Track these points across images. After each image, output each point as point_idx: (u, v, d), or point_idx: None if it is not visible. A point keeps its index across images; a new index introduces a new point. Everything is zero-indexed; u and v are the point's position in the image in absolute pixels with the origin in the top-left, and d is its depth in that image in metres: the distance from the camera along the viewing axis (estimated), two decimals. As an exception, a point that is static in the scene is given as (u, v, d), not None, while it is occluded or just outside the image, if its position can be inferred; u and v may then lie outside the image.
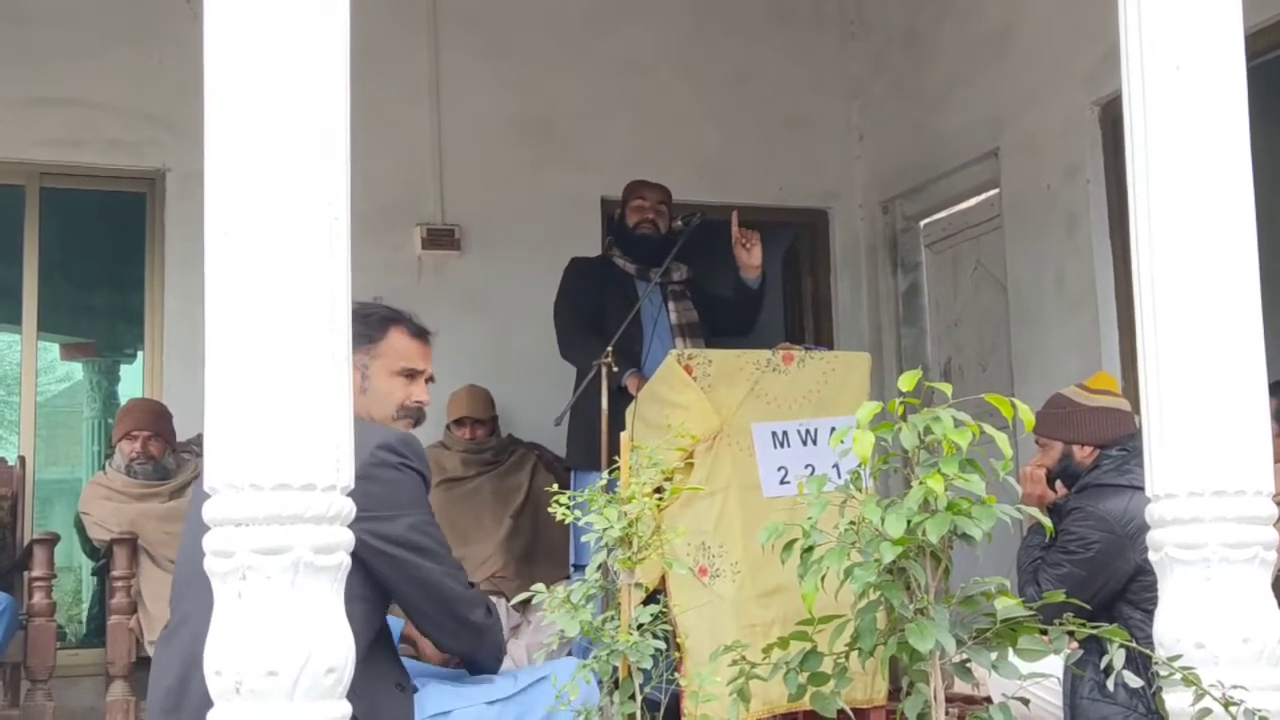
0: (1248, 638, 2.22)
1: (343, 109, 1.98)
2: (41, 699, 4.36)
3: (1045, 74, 5.34)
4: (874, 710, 3.88)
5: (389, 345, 2.87)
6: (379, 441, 2.58)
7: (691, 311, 4.99)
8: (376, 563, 2.55)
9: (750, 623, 3.69)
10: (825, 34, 6.65)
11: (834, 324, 6.58)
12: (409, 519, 2.61)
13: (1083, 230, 5.14)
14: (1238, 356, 2.29)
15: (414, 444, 2.68)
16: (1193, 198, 2.30)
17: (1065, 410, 3.54)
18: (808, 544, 2.01)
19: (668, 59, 6.33)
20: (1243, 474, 2.26)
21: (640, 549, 2.28)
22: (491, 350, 5.61)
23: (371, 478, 2.50)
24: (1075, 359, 5.08)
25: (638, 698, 2.21)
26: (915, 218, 6.43)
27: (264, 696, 1.83)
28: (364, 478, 2.52)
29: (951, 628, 1.93)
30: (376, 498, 2.50)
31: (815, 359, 4.02)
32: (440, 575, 2.66)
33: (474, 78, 6.03)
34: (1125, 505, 3.25)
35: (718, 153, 6.35)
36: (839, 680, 2.04)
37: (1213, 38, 2.33)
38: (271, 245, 1.90)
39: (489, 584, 4.86)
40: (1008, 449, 1.99)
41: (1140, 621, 3.11)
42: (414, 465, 2.64)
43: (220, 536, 1.88)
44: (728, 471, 3.80)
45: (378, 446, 2.56)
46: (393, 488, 2.59)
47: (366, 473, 2.50)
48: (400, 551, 2.58)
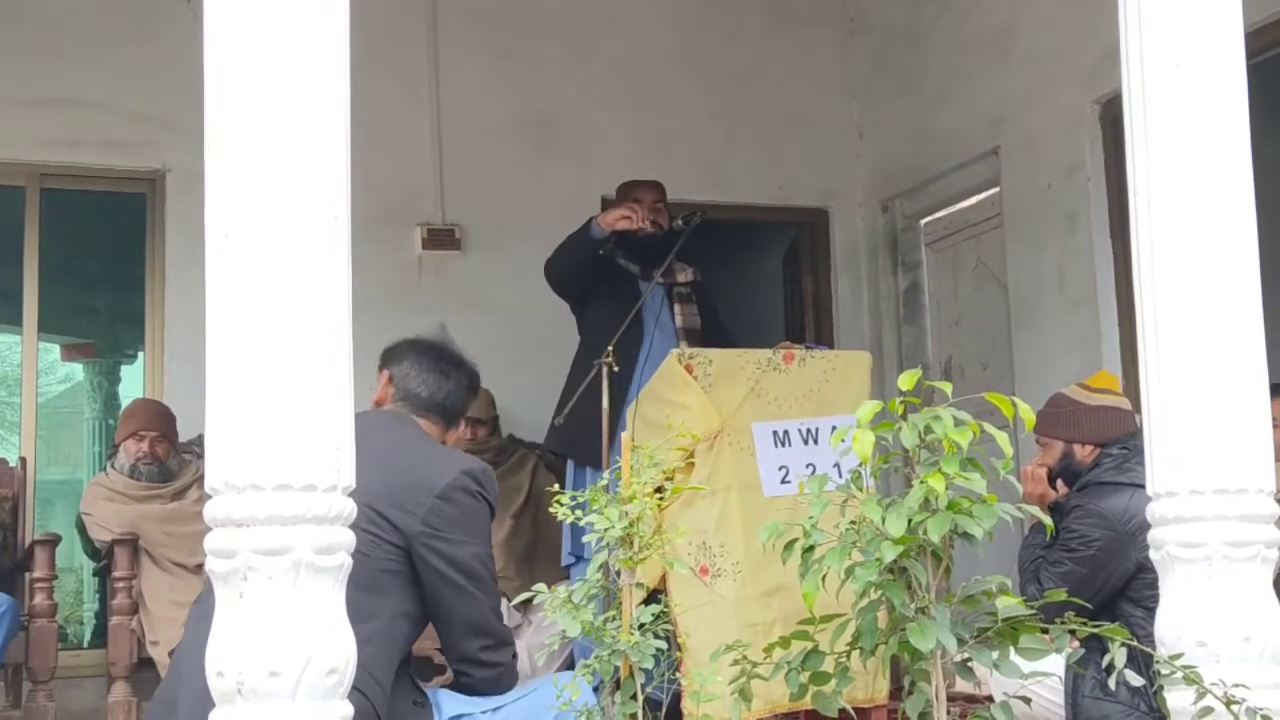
0: (1249, 636, 2.22)
1: (343, 109, 1.98)
2: (43, 700, 4.35)
3: (1045, 73, 5.34)
4: (875, 710, 3.88)
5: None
6: (465, 467, 2.66)
7: (696, 316, 4.95)
8: (431, 580, 2.61)
9: (752, 622, 3.69)
10: (825, 33, 6.65)
11: (834, 323, 6.58)
12: (474, 548, 2.66)
13: (1083, 229, 5.14)
14: (1238, 354, 2.29)
15: (492, 477, 2.76)
16: (1193, 196, 2.30)
17: (1066, 409, 3.54)
18: (809, 543, 2.01)
19: (668, 58, 6.32)
20: (1244, 472, 2.26)
21: (641, 549, 2.28)
22: (492, 350, 5.56)
23: (451, 500, 2.61)
24: (1076, 358, 5.08)
25: (639, 697, 2.21)
26: (915, 216, 6.43)
27: (266, 697, 1.83)
28: (444, 499, 2.59)
29: (953, 627, 1.93)
30: (451, 519, 2.61)
31: (816, 358, 4.02)
32: (486, 609, 2.73)
33: (474, 77, 6.02)
34: (1126, 503, 3.25)
35: (718, 151, 6.35)
36: (840, 679, 2.04)
37: (1213, 36, 2.33)
38: (272, 246, 1.90)
39: (490, 584, 4.87)
40: (1008, 448, 1.99)
41: (1141, 620, 3.11)
42: (489, 498, 2.71)
43: (221, 537, 1.88)
44: (729, 471, 3.80)
45: (464, 472, 2.65)
46: (468, 514, 2.65)
47: (448, 494, 2.59)
48: (459, 577, 2.63)
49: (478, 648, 2.70)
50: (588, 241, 4.77)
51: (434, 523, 2.58)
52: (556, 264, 4.88)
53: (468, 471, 2.66)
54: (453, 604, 2.64)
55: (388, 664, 2.56)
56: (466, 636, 2.69)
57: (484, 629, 2.71)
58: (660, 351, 4.48)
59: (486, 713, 2.70)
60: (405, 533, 2.58)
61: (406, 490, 2.60)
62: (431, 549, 2.59)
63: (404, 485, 2.61)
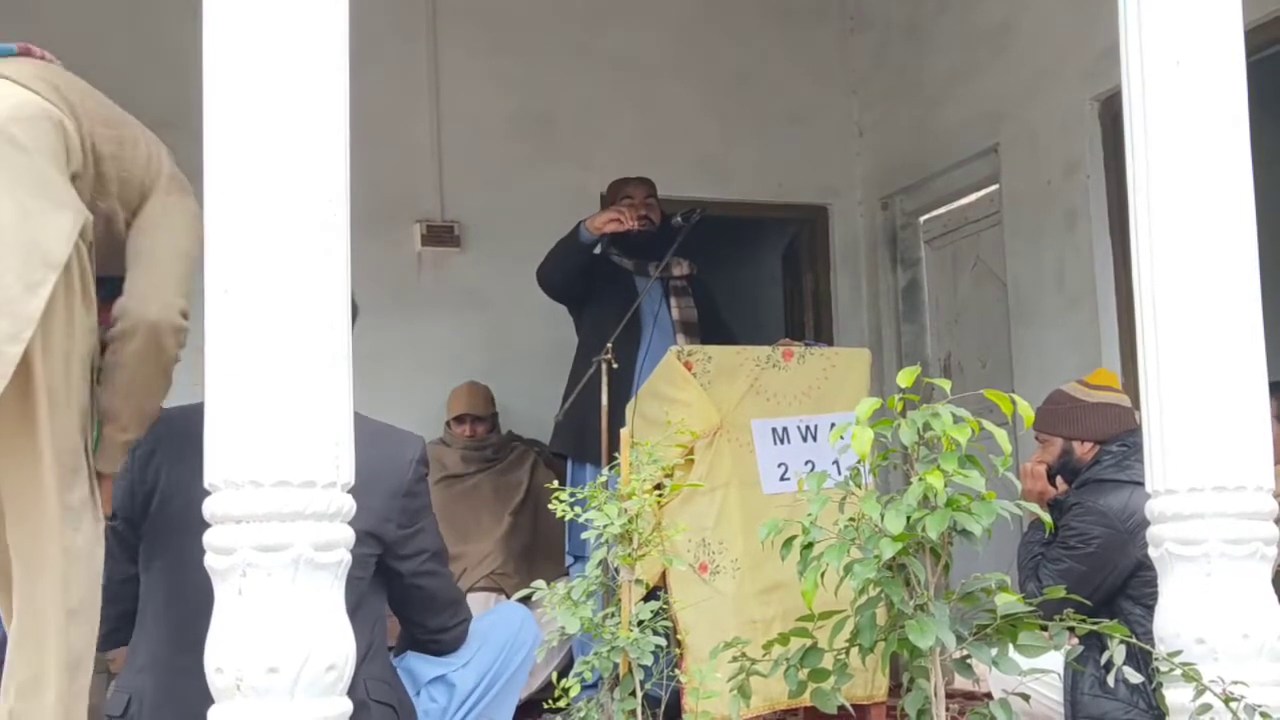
0: (1248, 633, 2.22)
1: (342, 106, 1.98)
2: (42, 696, 4.35)
3: (1045, 69, 5.34)
4: (874, 706, 3.88)
5: None
6: (417, 456, 2.64)
7: (692, 309, 4.94)
8: (410, 572, 2.62)
9: (751, 619, 3.69)
10: (825, 30, 6.65)
11: (834, 320, 6.58)
12: (435, 527, 2.70)
13: (1082, 226, 5.14)
14: (1238, 352, 2.29)
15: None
16: (1193, 193, 2.30)
17: (1065, 406, 3.54)
18: (807, 540, 2.01)
19: (668, 55, 6.32)
20: (1243, 469, 2.26)
21: (640, 545, 2.28)
22: (491, 347, 5.61)
23: (414, 494, 2.60)
24: (1075, 355, 5.08)
25: (638, 694, 2.21)
26: (915, 213, 6.43)
27: (264, 694, 1.83)
28: (409, 495, 2.57)
29: (952, 624, 1.94)
30: (416, 511, 2.61)
31: (815, 355, 4.02)
32: (452, 582, 2.80)
33: (474, 74, 6.02)
34: (1126, 500, 3.25)
35: (717, 149, 6.35)
36: (839, 676, 2.05)
37: (1213, 33, 2.33)
38: (271, 242, 1.90)
39: (489, 581, 4.87)
40: (1007, 445, 1.99)
41: (1141, 617, 3.11)
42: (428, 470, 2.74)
43: (220, 533, 1.88)
44: (728, 468, 3.80)
45: (418, 462, 2.63)
46: (426, 498, 2.68)
47: (411, 490, 2.56)
48: (432, 563, 2.67)
49: (449, 617, 2.77)
50: (578, 246, 4.77)
51: (405, 522, 2.59)
52: (549, 271, 4.88)
53: (421, 460, 2.65)
54: (435, 588, 2.70)
55: (388, 664, 2.62)
56: (443, 612, 2.75)
57: (455, 599, 2.80)
58: (659, 347, 4.49)
59: (458, 670, 2.76)
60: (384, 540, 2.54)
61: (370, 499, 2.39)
62: (411, 549, 2.61)
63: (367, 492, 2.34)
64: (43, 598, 2.13)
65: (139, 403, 2.25)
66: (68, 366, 2.17)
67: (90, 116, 2.32)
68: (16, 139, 2.17)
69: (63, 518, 2.14)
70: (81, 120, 2.30)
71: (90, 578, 2.19)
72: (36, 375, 2.11)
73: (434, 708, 2.71)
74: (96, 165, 2.31)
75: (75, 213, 2.19)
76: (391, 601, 2.68)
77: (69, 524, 2.15)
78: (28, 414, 2.12)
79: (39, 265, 2.12)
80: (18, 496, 2.15)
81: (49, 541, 2.13)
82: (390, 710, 2.50)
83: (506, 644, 2.83)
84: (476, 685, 2.77)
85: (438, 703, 2.72)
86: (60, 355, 2.15)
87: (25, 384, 2.11)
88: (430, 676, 2.75)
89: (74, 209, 2.20)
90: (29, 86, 2.27)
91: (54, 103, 2.27)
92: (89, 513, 2.19)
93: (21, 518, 2.15)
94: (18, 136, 2.17)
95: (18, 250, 2.11)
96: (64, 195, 2.20)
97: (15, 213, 2.12)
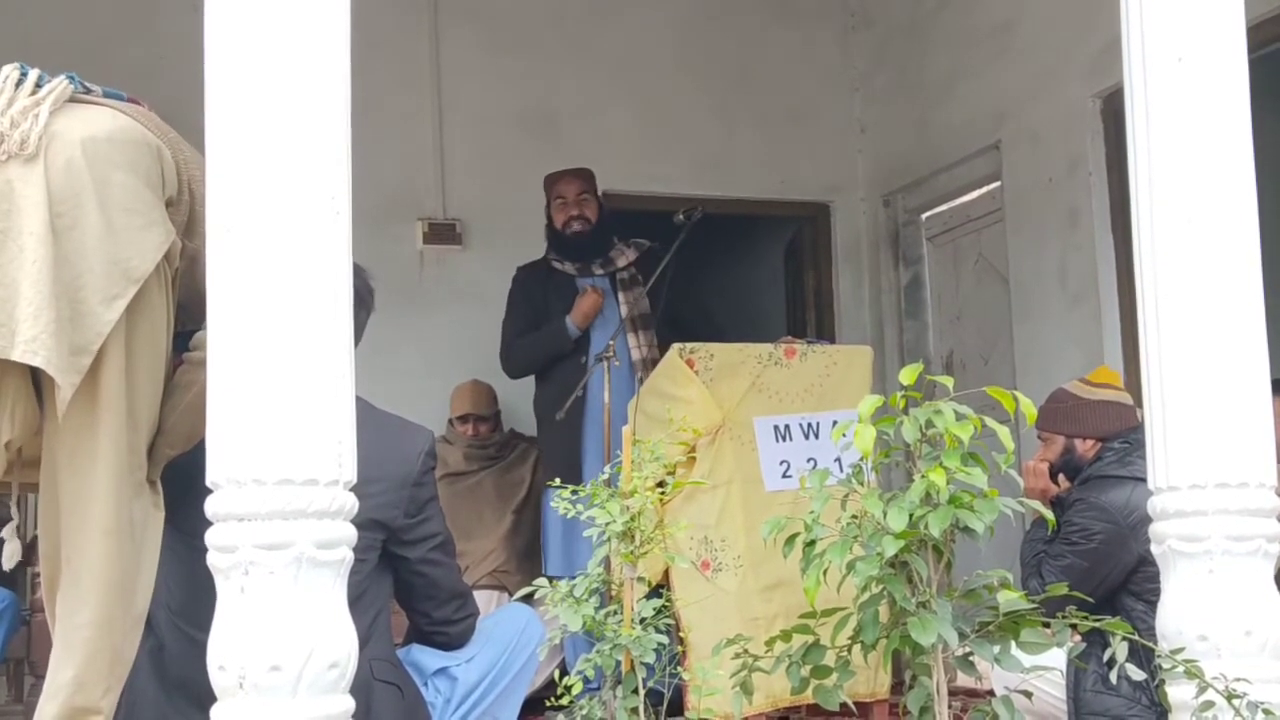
0: (1250, 630, 2.22)
1: (344, 103, 1.98)
2: (45, 695, 4.36)
3: (1047, 67, 5.34)
4: (877, 704, 3.89)
5: None
6: (426, 449, 2.68)
7: (644, 300, 4.85)
8: (418, 561, 2.66)
9: (753, 616, 3.70)
10: (827, 27, 6.65)
11: (836, 318, 6.58)
12: (441, 517, 2.74)
13: (1084, 224, 5.14)
14: (1240, 348, 2.29)
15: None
16: (1195, 191, 2.30)
17: (1067, 404, 3.54)
18: (810, 538, 2.01)
19: (669, 52, 6.32)
20: (1245, 466, 2.26)
21: (643, 543, 2.28)
22: (494, 345, 5.59)
23: (422, 484, 2.65)
24: (1077, 352, 5.08)
25: (641, 692, 2.21)
26: (917, 211, 6.43)
27: (267, 692, 1.83)
28: (417, 485, 2.62)
29: (954, 621, 1.93)
30: (424, 501, 2.65)
31: (817, 353, 4.02)
32: (458, 573, 2.83)
33: (475, 72, 6.02)
34: (1128, 496, 3.25)
35: (719, 146, 6.34)
36: (842, 674, 2.04)
37: (1215, 30, 2.33)
38: (273, 240, 1.90)
39: (491, 579, 4.87)
40: (1009, 442, 1.99)
41: (1143, 614, 3.11)
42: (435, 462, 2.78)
43: (223, 532, 1.88)
44: (730, 465, 3.80)
45: (427, 455, 2.67)
46: (433, 488, 2.72)
47: (420, 480, 2.61)
48: (437, 553, 2.71)
49: (454, 609, 2.79)
50: (564, 340, 4.82)
51: (412, 511, 2.62)
52: (525, 363, 4.93)
53: (430, 453, 2.69)
54: (439, 577, 2.73)
55: (391, 648, 2.66)
56: (449, 603, 2.78)
57: (461, 592, 2.82)
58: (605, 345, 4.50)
59: (461, 665, 2.79)
60: (390, 527, 2.59)
61: (378, 486, 2.51)
62: (417, 535, 2.64)
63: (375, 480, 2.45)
64: (93, 609, 2.17)
65: (192, 423, 2.27)
66: (136, 382, 2.20)
67: (189, 161, 2.37)
68: (112, 157, 2.22)
69: (121, 530, 2.16)
70: (179, 157, 2.35)
71: (147, 587, 2.24)
72: (106, 387, 2.14)
73: (438, 699, 2.74)
74: (191, 204, 2.35)
75: (165, 232, 2.25)
76: (397, 592, 2.71)
77: (127, 536, 2.17)
78: (92, 426, 2.15)
79: (119, 279, 2.17)
80: (74, 510, 2.17)
81: (104, 553, 2.16)
82: (395, 689, 2.52)
83: (511, 643, 2.84)
84: (480, 682, 2.79)
85: (441, 694, 2.75)
86: (133, 370, 2.19)
87: (92, 394, 2.13)
88: (434, 669, 2.78)
89: (164, 228, 2.25)
90: (129, 114, 2.34)
91: (153, 131, 2.33)
92: (151, 525, 2.24)
93: (80, 528, 2.17)
94: (114, 155, 2.23)
95: (99, 265, 2.15)
96: (155, 213, 2.25)
97: (102, 228, 2.17)
